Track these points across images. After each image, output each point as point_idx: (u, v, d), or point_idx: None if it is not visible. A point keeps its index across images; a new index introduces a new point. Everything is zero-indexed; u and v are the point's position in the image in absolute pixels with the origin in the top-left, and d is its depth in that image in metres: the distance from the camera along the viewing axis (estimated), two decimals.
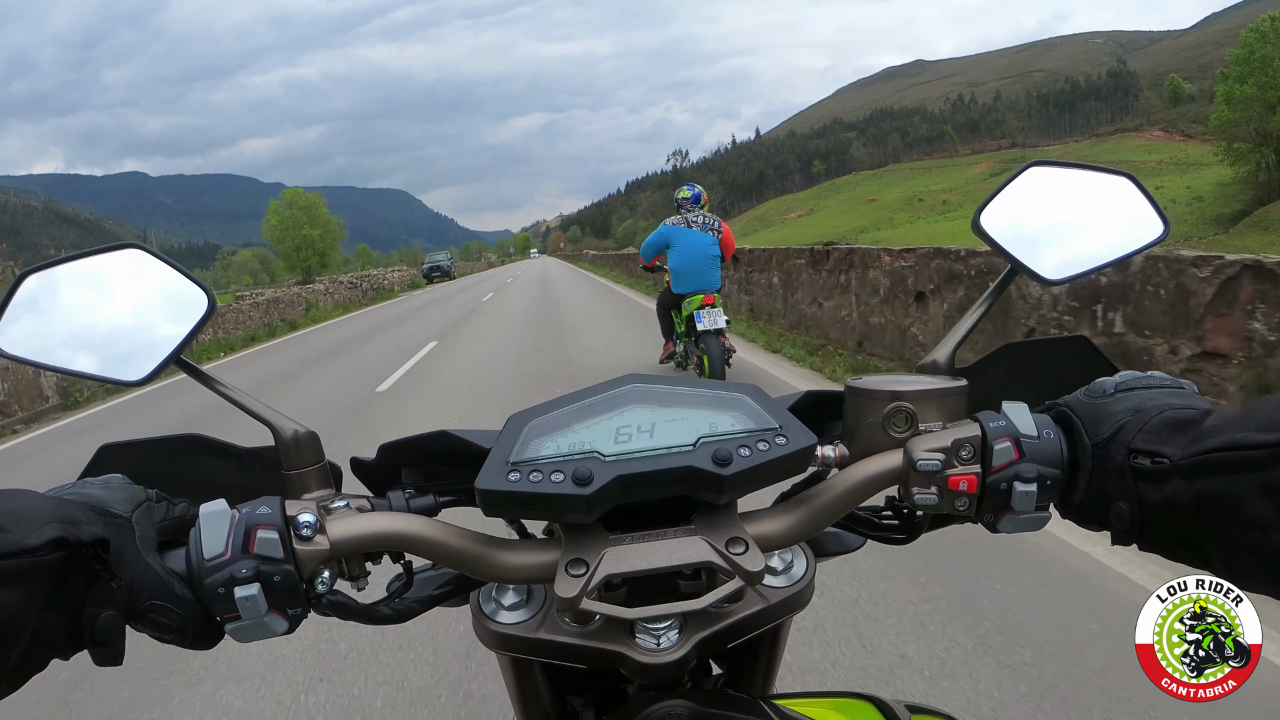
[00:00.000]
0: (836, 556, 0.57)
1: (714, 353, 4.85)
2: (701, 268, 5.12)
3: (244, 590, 0.40)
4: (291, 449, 0.47)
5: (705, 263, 5.13)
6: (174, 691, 2.14)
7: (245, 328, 14.66)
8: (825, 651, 2.04)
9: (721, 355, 4.90)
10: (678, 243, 5.17)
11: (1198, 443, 0.38)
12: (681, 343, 5.52)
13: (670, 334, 5.74)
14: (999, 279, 0.53)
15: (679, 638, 0.46)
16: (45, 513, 0.36)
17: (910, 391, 0.47)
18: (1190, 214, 70.22)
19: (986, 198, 0.54)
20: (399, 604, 0.50)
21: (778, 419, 0.45)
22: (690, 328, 5.12)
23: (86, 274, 0.49)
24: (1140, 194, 0.53)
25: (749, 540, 0.44)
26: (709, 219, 5.24)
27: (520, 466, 0.43)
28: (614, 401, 0.46)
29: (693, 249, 5.13)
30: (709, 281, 5.13)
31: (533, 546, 0.47)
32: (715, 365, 4.83)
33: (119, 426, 6.86)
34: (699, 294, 5.07)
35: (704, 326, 4.90)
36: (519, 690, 0.55)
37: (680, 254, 5.16)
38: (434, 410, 5.76)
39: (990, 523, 0.45)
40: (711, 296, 5.05)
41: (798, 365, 6.45)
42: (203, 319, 0.49)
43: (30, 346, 0.47)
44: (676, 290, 5.23)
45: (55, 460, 5.85)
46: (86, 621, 0.37)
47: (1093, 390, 0.45)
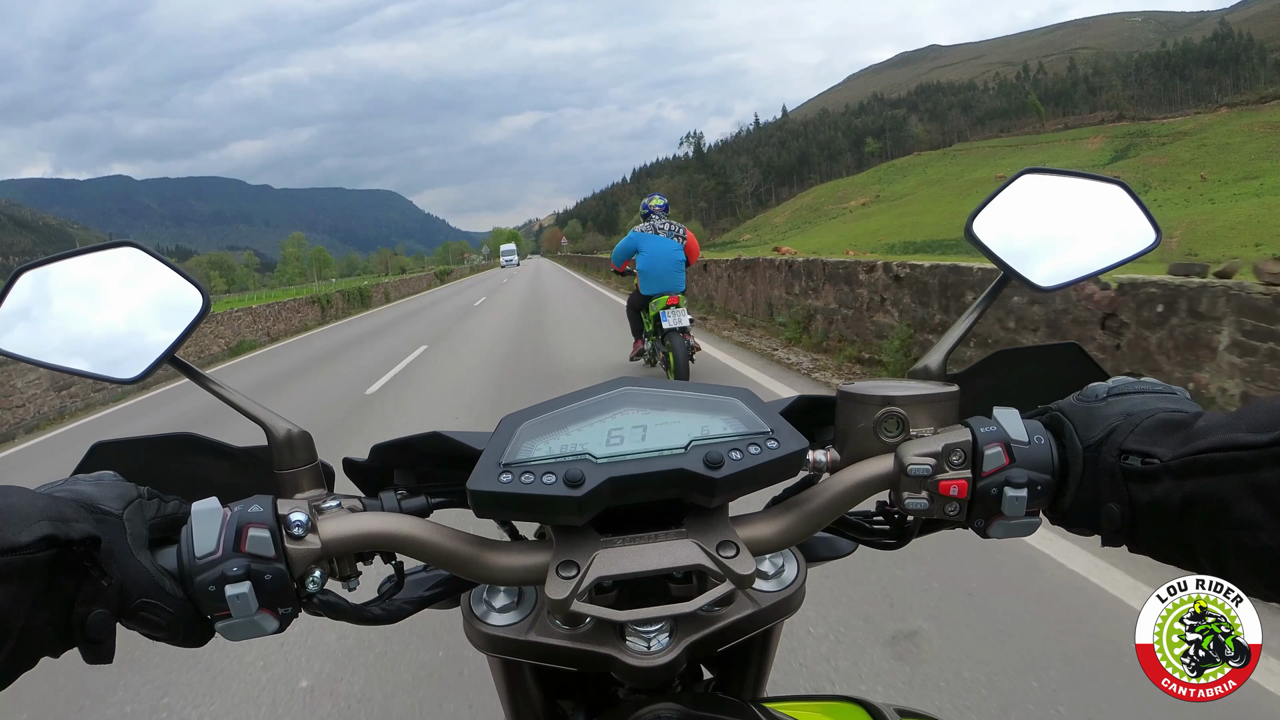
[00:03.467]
0: (828, 561, 0.58)
1: (678, 349, 5.29)
2: (667, 271, 5.55)
3: (235, 588, 0.39)
4: (284, 448, 0.47)
5: (671, 266, 5.56)
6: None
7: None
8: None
9: (685, 351, 5.32)
10: (645, 248, 5.61)
11: (1188, 443, 0.38)
12: (649, 340, 5.98)
13: (639, 332, 6.19)
14: (990, 286, 0.53)
15: (669, 641, 0.46)
16: (36, 510, 0.36)
17: (902, 397, 0.48)
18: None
19: (979, 205, 0.55)
20: (390, 605, 0.50)
21: (769, 423, 0.45)
22: (657, 326, 5.54)
23: (81, 272, 0.49)
24: (1133, 202, 0.54)
25: (740, 544, 0.44)
26: (674, 226, 5.70)
27: (512, 468, 0.43)
28: (606, 404, 0.46)
29: (659, 254, 5.56)
30: (674, 284, 5.56)
31: (524, 548, 0.47)
32: (679, 360, 5.27)
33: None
34: (664, 295, 5.50)
35: (669, 325, 5.35)
36: (509, 693, 0.55)
37: (647, 258, 5.59)
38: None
39: (981, 528, 0.46)
40: (676, 297, 5.47)
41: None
42: (197, 318, 0.49)
43: (24, 344, 0.47)
44: (644, 292, 5.64)
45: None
46: (77, 619, 0.37)
47: (1085, 395, 0.46)
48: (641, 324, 6.01)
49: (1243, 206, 58.28)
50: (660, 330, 5.48)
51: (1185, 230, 51.98)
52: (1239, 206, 58.75)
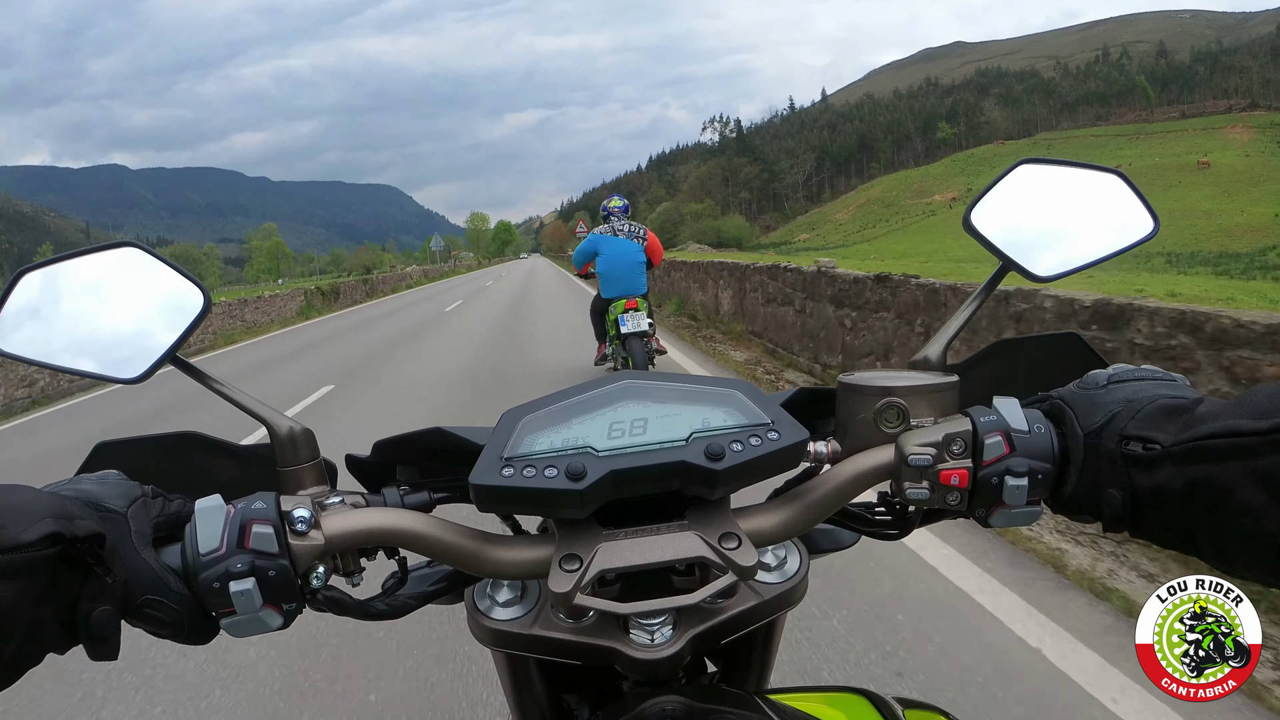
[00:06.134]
0: (830, 553, 0.58)
1: (636, 355, 5.21)
2: (627, 274, 5.45)
3: (239, 585, 0.40)
4: (287, 446, 0.47)
5: (631, 269, 5.45)
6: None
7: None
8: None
9: (644, 357, 5.25)
10: (605, 250, 5.49)
11: (1190, 429, 0.38)
12: (612, 345, 5.81)
13: (603, 336, 6.04)
14: (990, 277, 0.53)
15: (673, 633, 0.46)
16: (40, 508, 0.36)
17: (902, 387, 0.48)
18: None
19: (976, 195, 0.55)
20: (393, 600, 0.50)
21: (770, 414, 0.45)
22: (618, 330, 5.43)
23: (83, 273, 0.49)
24: (1130, 191, 0.54)
25: (742, 535, 0.44)
26: (635, 227, 5.57)
27: (514, 462, 0.43)
28: (607, 397, 0.46)
29: (618, 256, 5.46)
30: (634, 287, 5.46)
31: (526, 542, 0.47)
32: (638, 365, 5.16)
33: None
34: (623, 299, 5.42)
35: (627, 330, 5.28)
36: (514, 687, 0.55)
37: (607, 260, 5.48)
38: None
39: (982, 517, 0.46)
40: (634, 301, 5.38)
41: None
42: (198, 317, 0.49)
43: (26, 345, 0.47)
44: (604, 295, 5.57)
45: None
46: (81, 616, 0.37)
47: (1086, 382, 0.46)
48: (605, 328, 5.88)
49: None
50: (620, 334, 5.37)
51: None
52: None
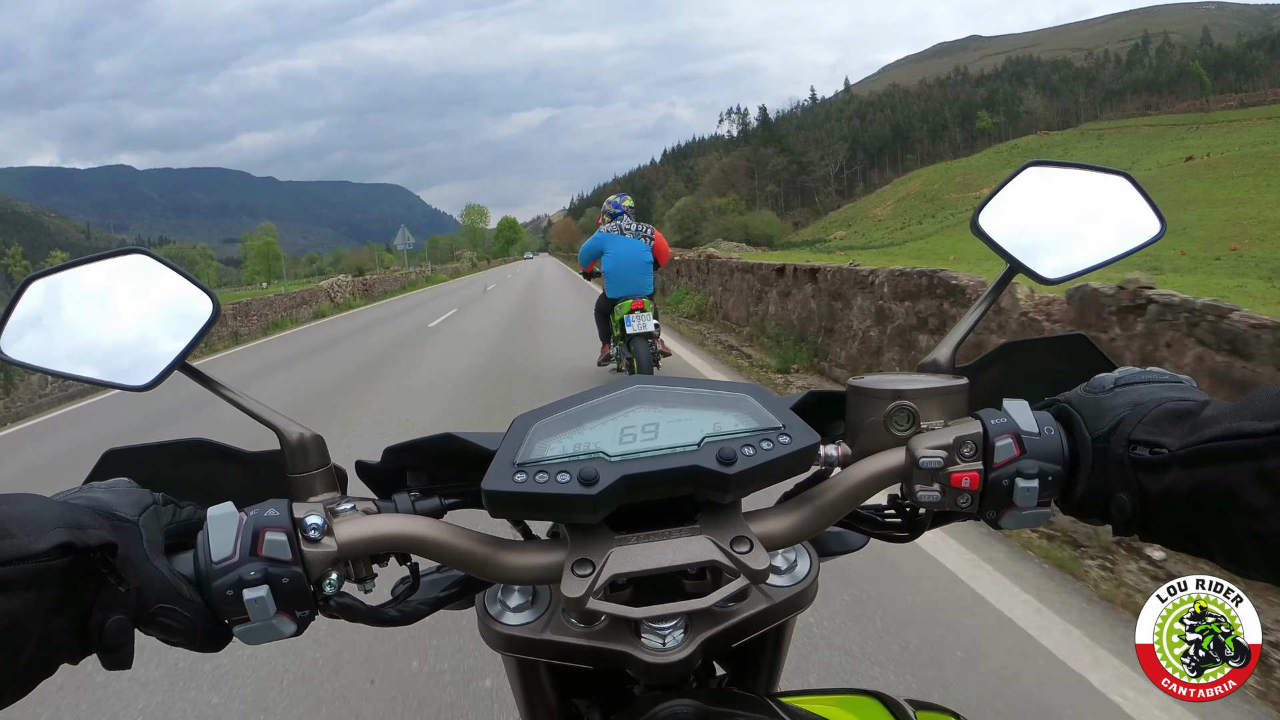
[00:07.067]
0: (839, 556, 0.58)
1: (641, 356, 5.13)
2: (633, 274, 5.38)
3: (252, 592, 0.40)
4: (297, 452, 0.47)
5: (637, 269, 5.38)
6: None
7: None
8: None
9: (649, 358, 5.17)
10: (611, 249, 5.41)
11: (1196, 432, 0.39)
12: (616, 345, 5.73)
13: (607, 337, 5.98)
14: (998, 279, 0.53)
15: (684, 637, 0.46)
16: (51, 517, 0.36)
17: (912, 390, 0.48)
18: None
19: (985, 198, 0.55)
20: (405, 606, 0.50)
21: (781, 418, 0.45)
22: (623, 330, 5.35)
23: (91, 280, 0.49)
24: (1137, 193, 0.54)
25: (753, 539, 0.44)
26: (642, 227, 5.48)
27: (526, 467, 0.43)
28: (618, 402, 0.46)
29: (625, 256, 5.38)
30: (640, 287, 5.39)
31: (538, 547, 0.47)
32: (643, 366, 5.11)
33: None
34: (629, 299, 5.34)
35: (633, 330, 5.19)
36: (525, 692, 0.55)
37: (613, 260, 5.40)
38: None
39: (993, 519, 0.46)
40: (640, 301, 5.31)
41: None
42: (207, 324, 0.49)
43: (35, 353, 0.47)
44: (610, 295, 5.48)
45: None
46: (94, 626, 0.37)
47: (1092, 386, 0.46)
48: (609, 328, 5.80)
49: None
50: (625, 335, 5.30)
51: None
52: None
